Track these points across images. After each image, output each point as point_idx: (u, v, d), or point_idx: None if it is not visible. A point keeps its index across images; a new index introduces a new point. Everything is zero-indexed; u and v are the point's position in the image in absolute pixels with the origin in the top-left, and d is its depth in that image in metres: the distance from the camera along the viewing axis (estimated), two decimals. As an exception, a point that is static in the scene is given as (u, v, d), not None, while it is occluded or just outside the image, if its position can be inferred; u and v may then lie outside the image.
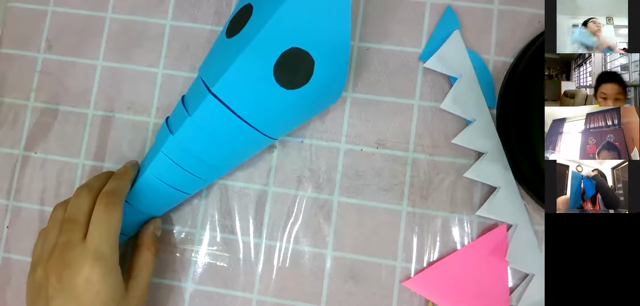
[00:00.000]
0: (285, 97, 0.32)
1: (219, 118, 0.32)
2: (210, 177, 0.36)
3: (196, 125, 0.33)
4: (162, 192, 0.35)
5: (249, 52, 0.31)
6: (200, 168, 0.35)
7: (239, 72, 0.31)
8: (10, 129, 0.42)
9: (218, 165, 0.35)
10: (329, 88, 0.34)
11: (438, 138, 0.39)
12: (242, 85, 0.32)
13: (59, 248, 0.31)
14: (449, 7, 0.40)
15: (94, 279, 0.30)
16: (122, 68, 0.42)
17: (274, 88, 0.32)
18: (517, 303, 0.37)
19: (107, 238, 0.31)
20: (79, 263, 0.30)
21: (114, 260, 0.32)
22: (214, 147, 0.34)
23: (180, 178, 0.35)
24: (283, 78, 0.32)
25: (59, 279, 0.30)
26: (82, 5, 0.43)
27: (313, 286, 0.38)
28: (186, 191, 0.36)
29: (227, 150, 0.34)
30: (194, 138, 0.33)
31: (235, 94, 0.32)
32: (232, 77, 0.32)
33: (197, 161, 0.34)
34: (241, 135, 0.33)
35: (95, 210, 0.32)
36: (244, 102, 0.32)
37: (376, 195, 0.39)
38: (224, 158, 0.35)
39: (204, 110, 0.32)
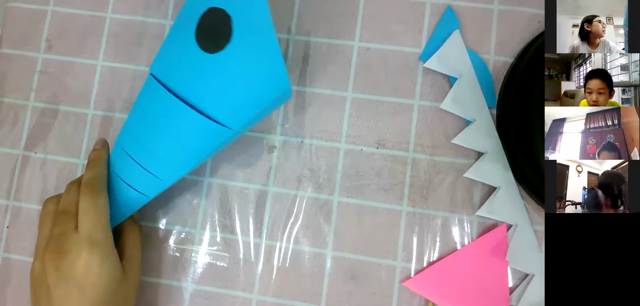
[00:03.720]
0: (211, 62, 0.32)
1: (157, 98, 0.33)
2: (167, 175, 0.34)
3: (139, 108, 0.33)
4: (122, 192, 0.34)
5: (175, 24, 0.32)
6: (155, 164, 0.33)
7: (167, 46, 0.33)
8: (10, 129, 0.42)
9: (172, 161, 0.33)
10: (258, 56, 0.32)
11: (438, 138, 0.39)
12: (172, 59, 0.32)
13: (54, 240, 0.32)
14: (449, 7, 0.40)
15: (92, 264, 0.31)
16: (122, 68, 0.42)
17: (199, 55, 0.32)
18: (517, 303, 0.37)
19: (98, 224, 0.32)
20: (75, 251, 0.31)
21: (109, 243, 0.32)
22: (160, 136, 0.33)
23: (138, 176, 0.34)
24: (204, 42, 0.32)
25: (57, 268, 0.31)
26: (82, 5, 0.43)
27: (313, 286, 0.38)
28: (145, 192, 0.34)
29: (175, 140, 0.33)
30: (139, 124, 0.33)
31: (167, 69, 0.33)
32: (163, 53, 0.33)
33: (149, 155, 0.33)
34: (185, 119, 0.32)
35: (80, 202, 0.32)
36: (175, 75, 0.32)
37: (376, 195, 0.39)
38: (177, 152, 0.33)
39: (144, 91, 0.33)
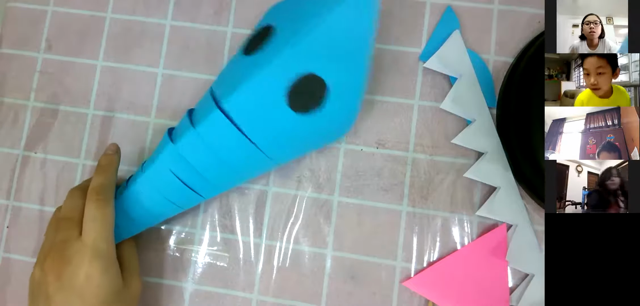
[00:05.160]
0: (295, 121, 0.32)
1: (224, 134, 0.32)
2: (207, 193, 0.35)
3: (200, 138, 0.32)
4: (157, 203, 0.34)
5: (266, 72, 0.31)
6: (199, 183, 0.34)
7: (251, 91, 0.31)
8: (10, 129, 0.42)
9: (216, 183, 0.34)
10: (340, 118, 0.34)
11: (438, 138, 0.39)
12: (253, 105, 0.31)
13: (57, 247, 0.31)
14: (449, 7, 0.40)
15: (94, 274, 0.30)
16: (122, 68, 0.42)
17: (284, 112, 0.31)
18: (517, 303, 0.37)
19: (103, 233, 0.31)
20: (77, 260, 0.30)
21: (111, 254, 0.32)
22: (215, 163, 0.33)
23: (177, 191, 0.34)
24: (295, 102, 0.31)
25: (58, 277, 0.30)
26: (82, 5, 0.43)
27: (313, 286, 0.38)
28: (181, 205, 0.35)
29: (227, 169, 0.33)
30: (196, 151, 0.32)
31: (245, 112, 0.31)
32: (244, 95, 0.31)
33: (196, 175, 0.33)
34: (244, 154, 0.33)
35: (86, 208, 0.32)
36: (253, 121, 0.32)
37: (376, 195, 0.39)
38: (224, 177, 0.34)
39: (210, 123, 0.32)
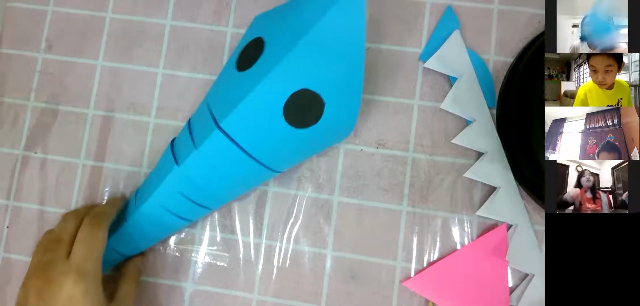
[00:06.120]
0: (294, 135, 0.32)
1: (225, 152, 0.32)
2: (214, 205, 0.36)
3: (202, 157, 0.32)
4: (166, 219, 0.35)
5: (260, 90, 0.30)
6: (206, 199, 0.35)
7: (248, 109, 0.31)
8: (10, 129, 0.42)
9: (223, 195, 0.36)
10: (339, 126, 0.34)
11: (438, 138, 0.39)
12: (251, 122, 0.31)
13: (41, 267, 0.31)
14: (449, 7, 0.40)
15: (76, 295, 0.30)
16: (122, 68, 0.42)
17: (283, 127, 0.31)
18: (517, 303, 0.37)
19: (90, 255, 0.31)
20: (60, 280, 0.30)
21: (96, 278, 0.31)
22: (218, 179, 0.34)
23: (184, 207, 0.35)
24: (292, 117, 0.31)
25: (40, 296, 0.30)
26: (82, 5, 0.43)
27: (313, 286, 0.38)
28: (189, 218, 0.36)
29: (231, 182, 0.34)
30: (199, 170, 0.33)
31: (244, 131, 0.31)
32: (242, 114, 0.31)
33: (201, 192, 0.34)
34: (247, 169, 0.33)
35: (80, 230, 0.32)
36: (252, 138, 0.32)
37: (376, 195, 0.39)
38: (228, 189, 0.35)
39: (211, 143, 0.32)
